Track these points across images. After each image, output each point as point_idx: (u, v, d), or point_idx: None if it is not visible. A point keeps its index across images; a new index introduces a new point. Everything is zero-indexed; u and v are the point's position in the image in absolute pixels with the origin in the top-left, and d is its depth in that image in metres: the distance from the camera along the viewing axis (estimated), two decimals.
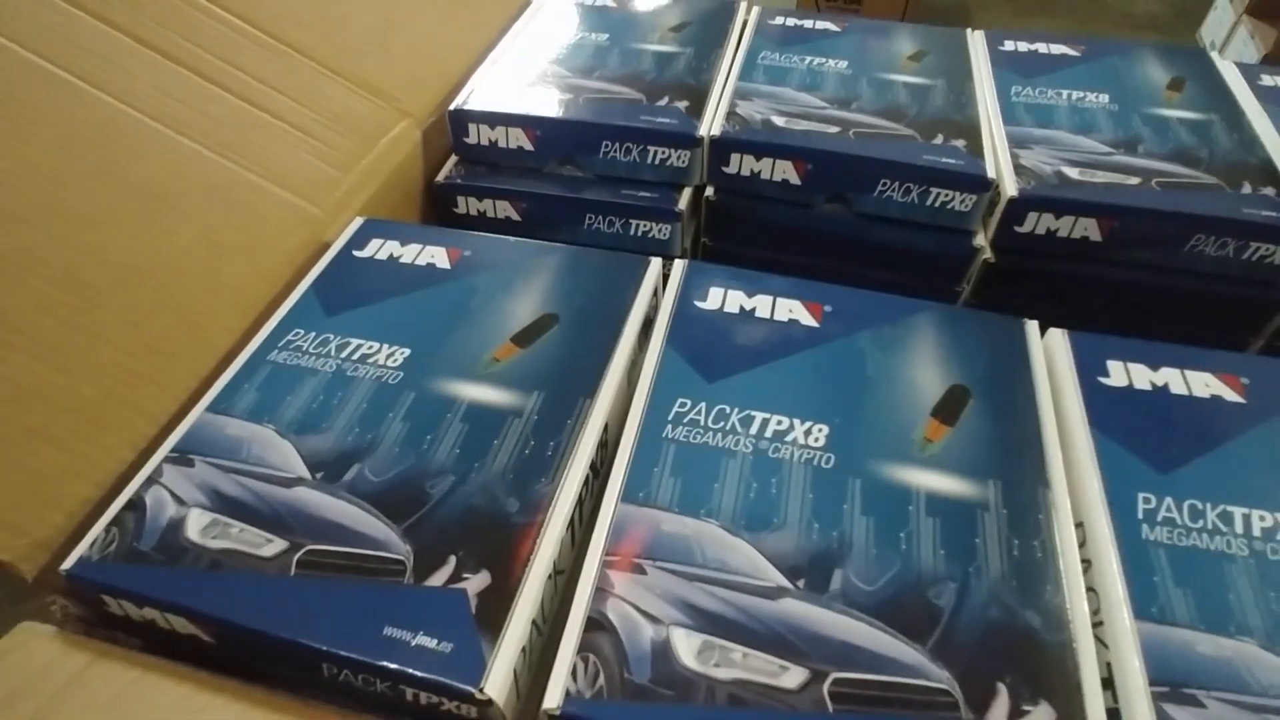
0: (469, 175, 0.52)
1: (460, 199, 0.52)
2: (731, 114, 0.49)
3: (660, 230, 0.50)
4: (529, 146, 0.51)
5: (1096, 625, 0.27)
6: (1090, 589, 0.28)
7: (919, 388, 0.33)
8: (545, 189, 0.51)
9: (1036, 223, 0.45)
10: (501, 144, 0.51)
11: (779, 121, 0.49)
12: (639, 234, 0.50)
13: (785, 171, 0.48)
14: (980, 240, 0.48)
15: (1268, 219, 0.44)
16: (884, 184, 0.47)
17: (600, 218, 0.50)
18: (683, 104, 0.50)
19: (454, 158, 0.53)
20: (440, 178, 0.52)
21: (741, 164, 0.48)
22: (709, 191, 0.50)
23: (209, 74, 0.45)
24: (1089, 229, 0.45)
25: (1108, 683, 0.26)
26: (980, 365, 0.34)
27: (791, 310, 0.36)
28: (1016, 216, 0.45)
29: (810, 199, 0.49)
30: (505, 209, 0.52)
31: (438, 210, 0.53)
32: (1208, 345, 0.37)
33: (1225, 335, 0.47)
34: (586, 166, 0.51)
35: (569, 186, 0.51)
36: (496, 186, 0.51)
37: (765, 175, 0.48)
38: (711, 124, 0.48)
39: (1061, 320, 0.39)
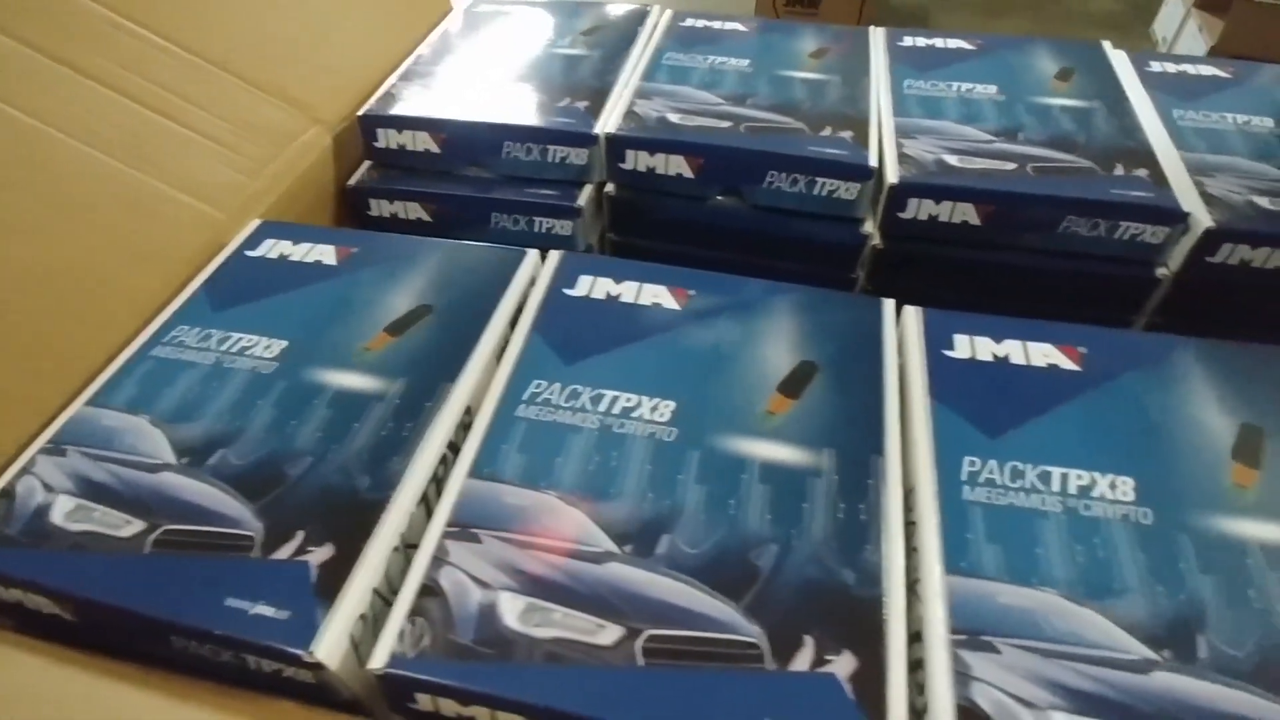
0: (380, 179, 0.54)
1: (373, 202, 0.54)
2: (629, 112, 0.51)
3: (562, 226, 0.51)
4: (436, 149, 0.52)
5: (916, 582, 0.29)
6: (914, 548, 0.30)
7: (769, 365, 0.35)
8: (453, 190, 0.53)
9: (919, 209, 0.47)
10: (410, 148, 0.53)
11: (674, 118, 0.51)
12: (543, 231, 0.52)
13: (679, 166, 0.50)
14: (869, 228, 0.49)
15: (1136, 199, 0.45)
16: (772, 175, 0.48)
17: (506, 216, 0.52)
18: (583, 104, 0.52)
19: (367, 162, 0.55)
20: (352, 181, 0.54)
21: (637, 160, 0.50)
22: (609, 188, 0.52)
23: (120, 86, 0.47)
24: (968, 214, 0.47)
25: (920, 635, 0.28)
26: (833, 343, 0.36)
27: (656, 295, 0.38)
28: (899, 203, 0.47)
29: (705, 192, 0.50)
30: (416, 210, 0.53)
31: (352, 214, 0.54)
32: (1094, 325, 0.38)
33: (1110, 315, 0.48)
34: (492, 167, 0.52)
35: (476, 187, 0.52)
36: (406, 189, 0.53)
37: (661, 170, 0.50)
38: (608, 122, 0.50)
39: (953, 305, 0.40)
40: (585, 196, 0.51)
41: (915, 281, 0.50)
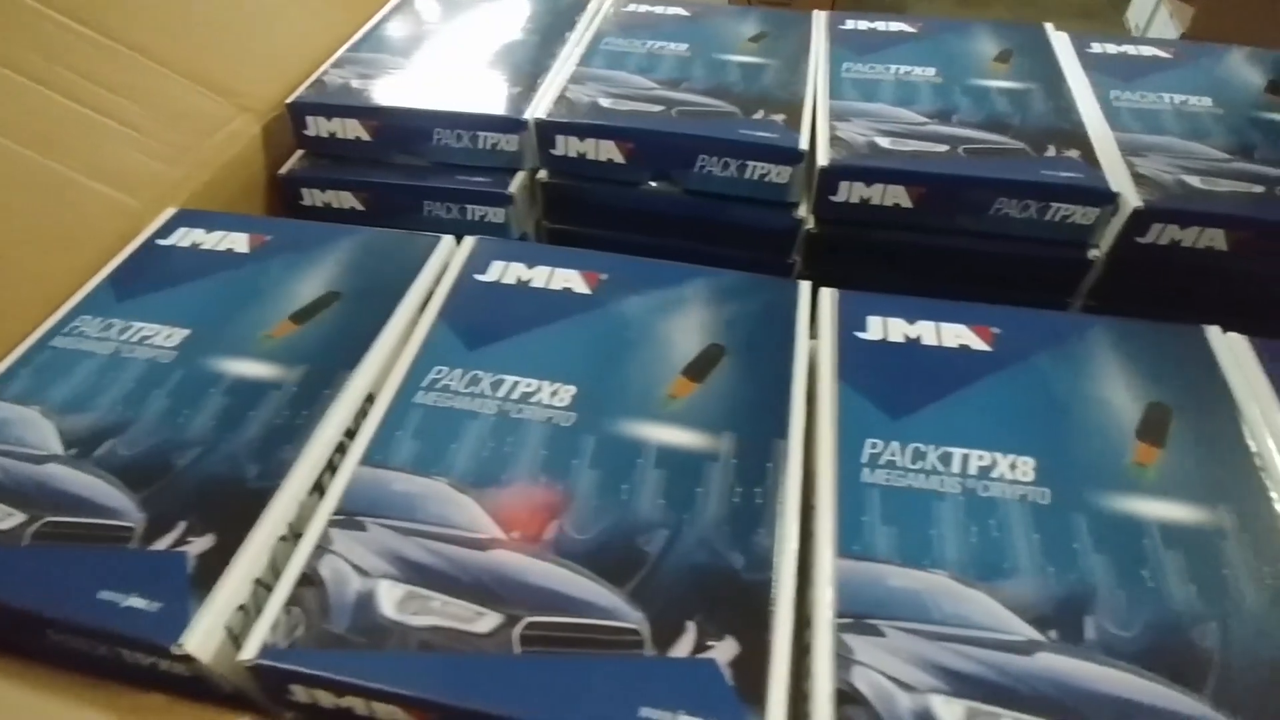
0: (311, 168, 0.53)
1: (304, 191, 0.53)
2: (561, 98, 0.50)
3: (495, 214, 0.51)
4: (367, 137, 0.51)
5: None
6: (812, 533, 0.29)
7: (677, 348, 0.34)
8: (385, 178, 0.52)
9: (850, 192, 0.46)
10: (341, 135, 0.52)
11: (605, 103, 0.50)
12: (475, 219, 0.51)
13: (610, 152, 0.49)
14: (803, 212, 0.49)
15: (1066, 179, 0.45)
16: (703, 159, 0.48)
17: (438, 204, 0.51)
18: (517, 90, 0.51)
19: (300, 151, 0.54)
20: (283, 170, 0.53)
21: (568, 146, 0.49)
22: (542, 174, 0.51)
23: (35, 73, 0.46)
24: (900, 196, 0.46)
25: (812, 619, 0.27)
26: (745, 326, 0.35)
27: (567, 280, 0.37)
28: (830, 187, 0.46)
29: (637, 178, 0.50)
30: (349, 200, 0.53)
31: (285, 203, 0.54)
32: (1028, 307, 0.38)
33: (1045, 297, 0.48)
34: (424, 155, 0.52)
35: (408, 175, 0.52)
36: (337, 178, 0.52)
37: (592, 156, 0.49)
38: (538, 108, 0.49)
39: (889, 288, 0.39)
40: (517, 183, 0.50)
41: (851, 265, 0.50)
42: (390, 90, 0.51)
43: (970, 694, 0.24)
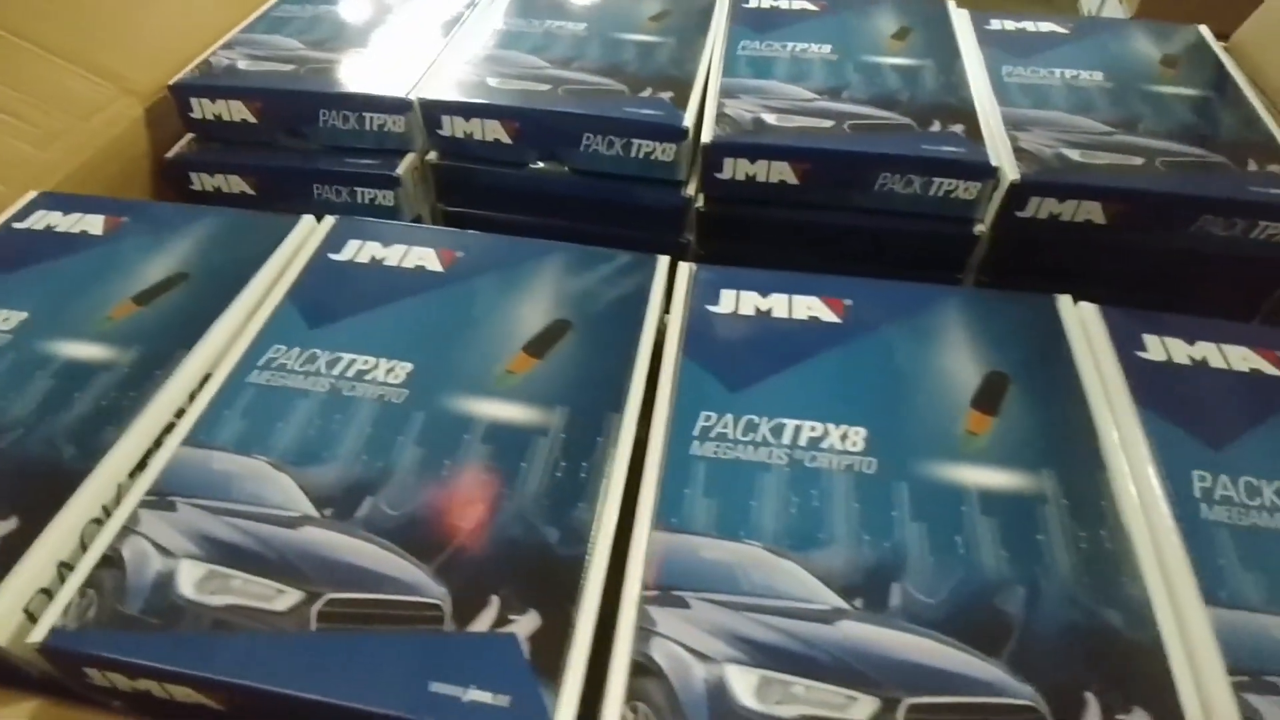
0: (199, 151, 0.52)
1: (193, 175, 0.52)
2: (449, 78, 0.50)
3: (385, 196, 0.50)
4: (253, 119, 0.51)
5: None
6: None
7: (523, 324, 0.34)
8: (273, 161, 0.51)
9: (735, 169, 0.46)
10: (227, 118, 0.51)
11: (494, 83, 0.49)
12: (366, 201, 0.50)
13: (496, 132, 0.48)
14: (691, 190, 0.48)
15: (948, 154, 0.44)
16: (588, 139, 0.47)
17: (328, 187, 0.50)
18: (405, 71, 0.50)
19: (190, 135, 0.53)
20: (170, 154, 0.52)
21: (454, 127, 0.48)
22: (431, 156, 0.50)
23: None
24: (785, 173, 0.46)
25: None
26: (595, 303, 0.35)
27: (421, 258, 0.37)
28: (714, 164, 0.46)
29: (523, 158, 0.49)
30: (238, 184, 0.52)
31: (175, 188, 0.53)
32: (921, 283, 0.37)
33: (936, 273, 0.48)
34: (311, 137, 0.51)
35: (296, 158, 0.51)
36: (225, 161, 0.51)
37: (478, 137, 0.49)
38: (424, 89, 0.49)
39: (779, 265, 0.39)
40: (405, 165, 0.49)
41: (743, 243, 0.49)
42: (276, 71, 0.51)
43: (766, 663, 0.24)
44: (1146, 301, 0.40)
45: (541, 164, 0.49)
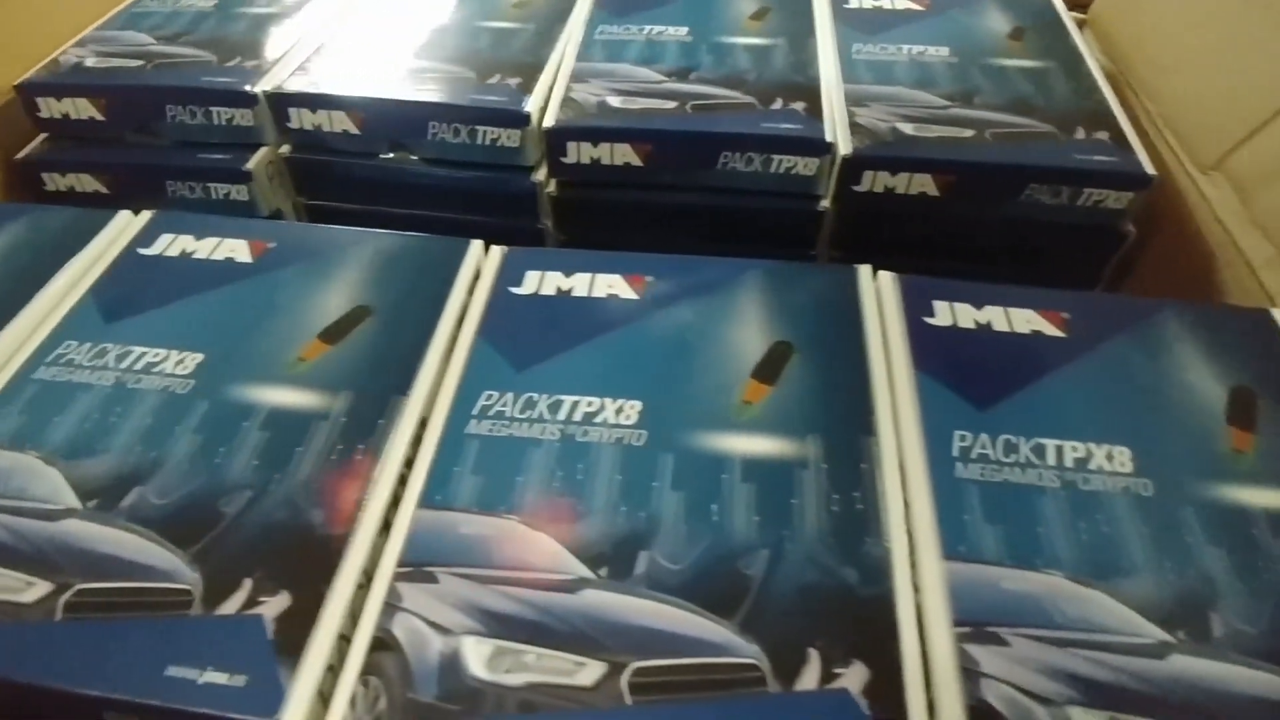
0: (50, 151, 0.51)
1: (45, 175, 0.51)
2: (300, 69, 0.49)
3: (238, 191, 0.50)
4: (100, 117, 0.50)
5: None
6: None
7: (320, 313, 0.34)
8: (125, 159, 0.50)
9: (579, 153, 0.46)
10: (75, 116, 0.50)
11: (337, 74, 0.49)
12: (220, 197, 0.50)
13: (343, 123, 0.48)
14: (540, 176, 0.48)
15: (785, 131, 0.45)
16: (433, 127, 0.47)
17: (181, 183, 0.50)
18: (253, 63, 0.50)
19: (43, 135, 0.52)
20: (20, 155, 0.51)
21: (301, 119, 0.48)
22: (284, 149, 0.50)
23: None
24: (628, 155, 0.46)
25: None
26: (397, 288, 0.35)
27: (232, 251, 0.37)
28: (559, 148, 0.46)
29: (373, 149, 0.49)
30: (91, 183, 0.51)
31: (28, 189, 0.52)
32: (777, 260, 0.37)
33: (787, 250, 0.48)
34: (161, 133, 0.50)
35: (149, 154, 0.50)
36: (77, 160, 0.51)
37: (327, 128, 0.48)
38: (271, 81, 0.48)
39: (630, 247, 0.39)
40: (257, 159, 0.49)
41: (598, 226, 0.50)
42: (123, 68, 0.50)
43: (503, 633, 0.24)
44: (992, 272, 0.41)
45: (392, 154, 0.49)
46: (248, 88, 0.48)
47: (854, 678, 0.23)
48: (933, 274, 0.37)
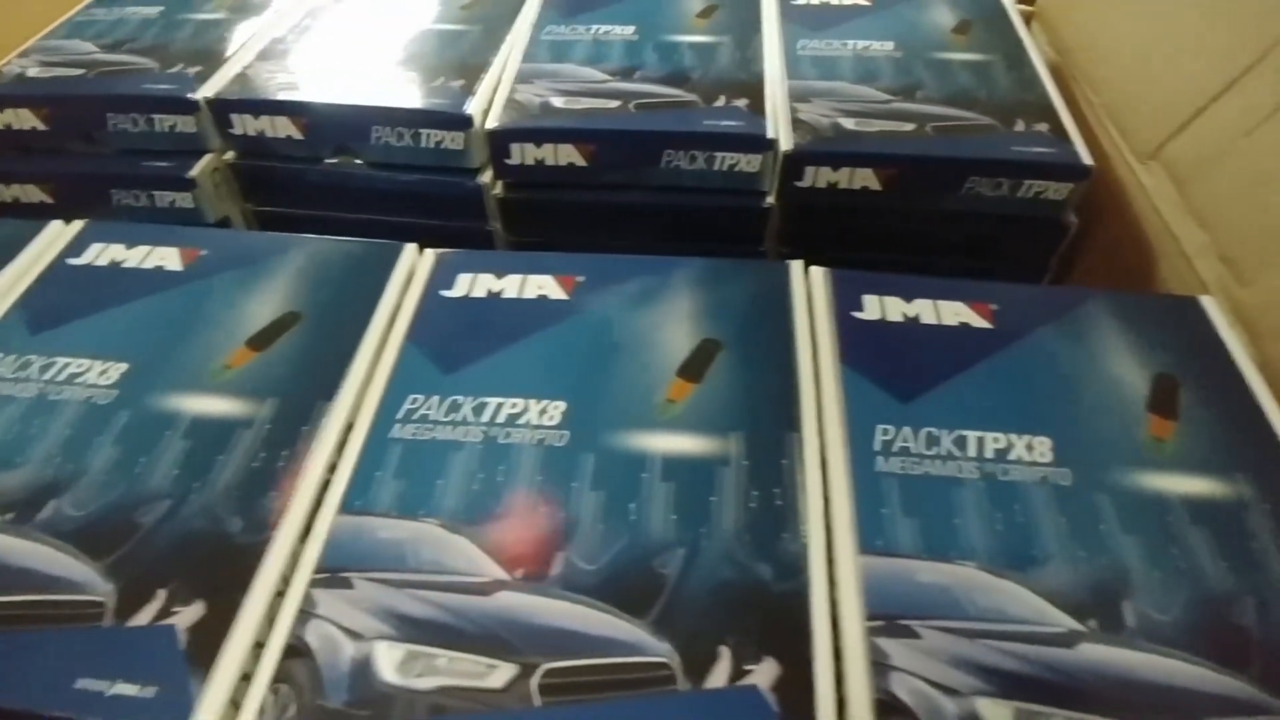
0: None
1: None
2: (240, 75, 0.49)
3: (183, 199, 0.49)
4: (43, 126, 0.50)
5: None
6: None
7: (249, 320, 0.33)
8: (69, 168, 0.50)
9: (524, 154, 0.46)
10: (16, 126, 0.50)
11: (280, 79, 0.49)
12: (166, 205, 0.50)
13: (287, 128, 0.48)
14: (486, 178, 0.48)
15: (727, 129, 0.45)
16: (377, 131, 0.47)
17: (126, 192, 0.50)
18: (195, 69, 0.50)
19: None
20: None
21: (244, 124, 0.48)
22: (229, 155, 0.50)
23: None
24: (573, 155, 0.46)
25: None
26: (328, 293, 0.35)
27: (163, 259, 0.36)
28: (503, 150, 0.46)
29: (317, 153, 0.49)
30: (35, 193, 0.51)
31: None
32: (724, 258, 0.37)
33: (735, 246, 0.48)
34: (103, 141, 0.50)
35: (92, 164, 0.50)
36: (18, 170, 0.50)
37: (270, 134, 0.48)
38: (213, 87, 0.48)
39: (595, 248, 0.39)
40: (202, 166, 0.49)
41: (545, 227, 0.49)
42: (64, 76, 0.50)
43: (416, 637, 0.24)
44: (941, 266, 0.41)
45: (336, 158, 0.49)
46: (189, 94, 0.47)
47: (764, 674, 0.23)
48: (881, 268, 0.38)
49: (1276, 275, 0.34)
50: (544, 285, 0.34)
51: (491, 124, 0.45)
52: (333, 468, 0.29)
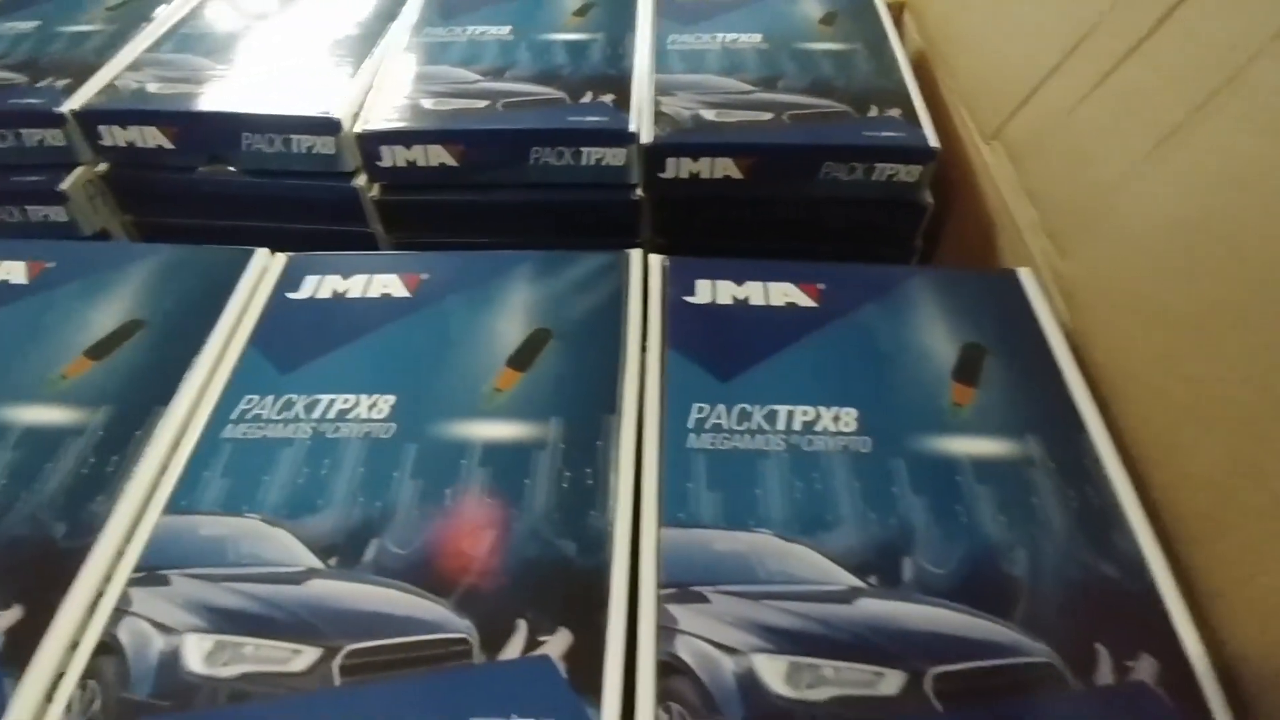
0: None
1: None
2: (110, 86, 0.49)
3: (57, 213, 0.49)
4: None
5: None
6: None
7: (90, 327, 0.34)
8: None
9: (395, 157, 0.47)
10: None
11: (154, 88, 0.49)
12: (40, 219, 0.49)
13: (156, 138, 0.48)
14: (362, 180, 0.49)
15: (590, 124, 0.46)
16: (247, 138, 0.47)
17: None
18: (64, 83, 0.50)
19: None
20: None
21: (113, 135, 0.48)
22: (101, 167, 0.50)
23: None
24: (442, 156, 0.47)
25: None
26: (172, 298, 0.35)
27: (8, 272, 0.36)
28: (373, 154, 0.46)
29: (191, 161, 0.49)
30: None
31: None
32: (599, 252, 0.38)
33: (612, 240, 0.49)
34: None
35: None
36: None
37: (141, 144, 0.48)
38: (79, 99, 0.48)
39: (479, 247, 0.40)
40: (73, 179, 0.49)
41: (425, 228, 0.50)
42: None
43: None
44: (812, 251, 0.42)
45: (208, 166, 0.49)
46: (55, 108, 0.47)
47: (557, 644, 0.24)
48: (754, 256, 0.39)
49: (1092, 249, 0.36)
50: (388, 284, 0.35)
51: (360, 128, 0.46)
52: (166, 470, 0.30)
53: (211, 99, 0.48)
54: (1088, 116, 0.39)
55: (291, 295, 0.35)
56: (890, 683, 0.23)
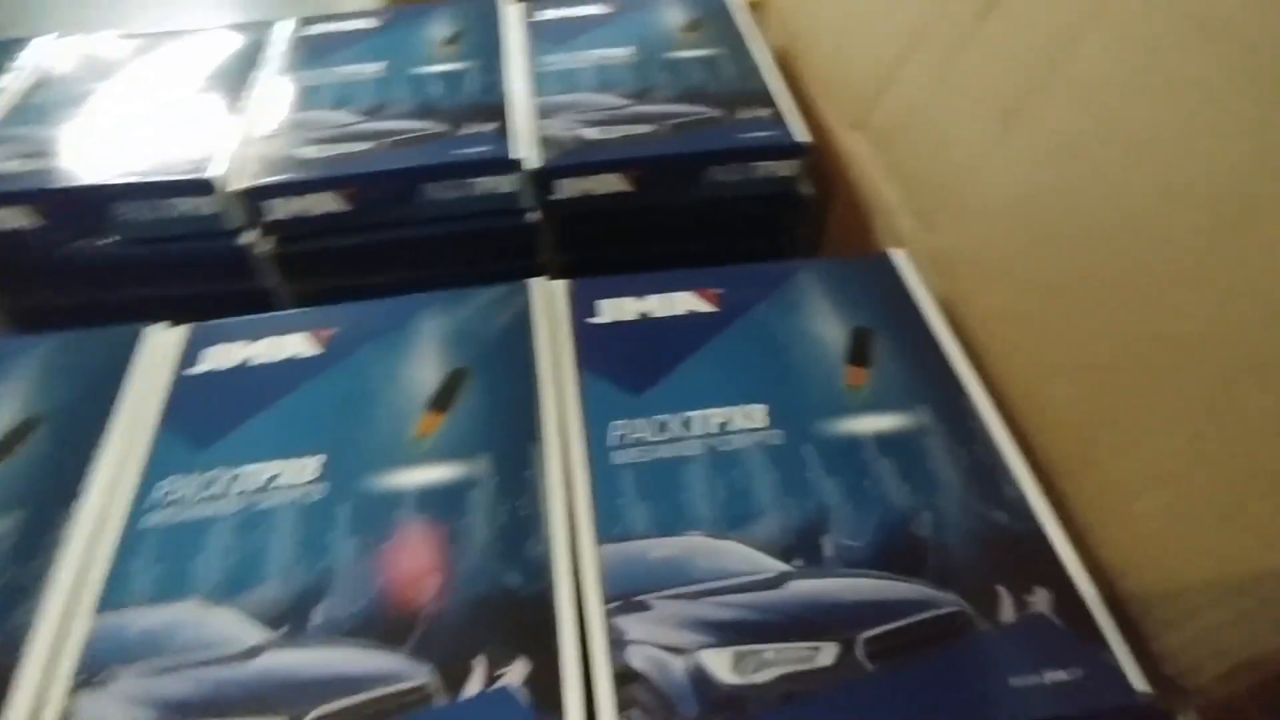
0: None
1: None
2: None
3: None
4: None
5: None
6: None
7: None
8: None
9: (285, 208, 0.46)
10: None
11: (12, 166, 0.46)
12: None
13: (19, 219, 0.46)
14: (250, 237, 0.48)
15: (475, 155, 0.46)
16: (121, 207, 0.46)
17: None
18: None
19: None
20: None
21: None
22: None
23: None
24: (330, 203, 0.46)
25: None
26: (67, 389, 0.34)
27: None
28: (259, 208, 0.46)
29: (62, 237, 0.47)
30: None
31: None
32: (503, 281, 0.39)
33: (512, 264, 0.50)
34: None
35: None
36: None
37: (12, 225, 0.46)
38: None
39: (374, 293, 0.39)
40: None
41: (319, 278, 0.49)
42: None
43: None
44: (710, 254, 0.44)
45: (83, 240, 0.47)
46: None
47: (515, 674, 0.25)
48: (656, 265, 0.40)
49: (956, 224, 0.39)
50: (297, 344, 0.35)
51: (245, 184, 0.45)
52: (89, 569, 0.29)
53: (78, 171, 0.46)
54: (940, 102, 0.42)
55: (194, 370, 0.34)
56: (826, 654, 0.26)
